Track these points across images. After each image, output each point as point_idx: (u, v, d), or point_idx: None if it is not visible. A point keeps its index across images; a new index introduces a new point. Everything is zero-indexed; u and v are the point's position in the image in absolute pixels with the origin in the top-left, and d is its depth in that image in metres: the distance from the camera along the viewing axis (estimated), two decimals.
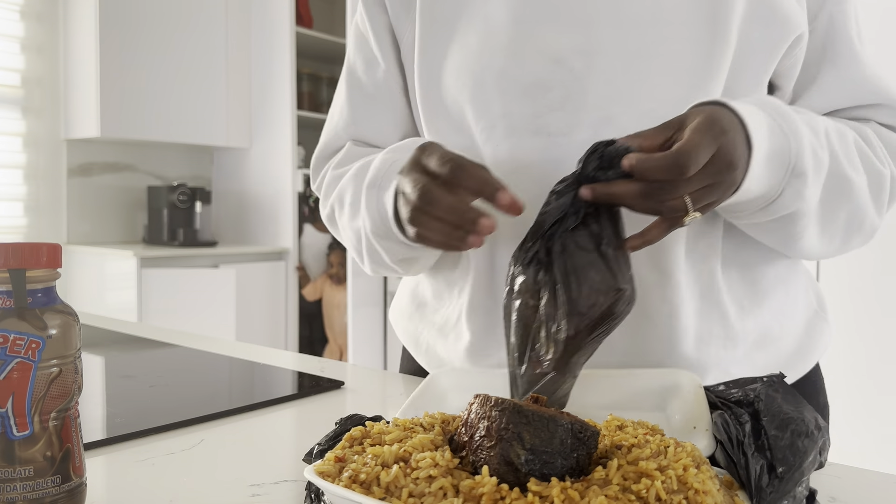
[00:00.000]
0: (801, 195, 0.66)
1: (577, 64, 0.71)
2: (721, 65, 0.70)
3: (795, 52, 0.75)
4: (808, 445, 0.50)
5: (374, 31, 0.86)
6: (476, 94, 0.75)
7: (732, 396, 0.57)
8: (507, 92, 0.73)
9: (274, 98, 4.23)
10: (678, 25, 0.70)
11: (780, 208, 0.67)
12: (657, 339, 0.72)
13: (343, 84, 0.91)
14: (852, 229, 0.74)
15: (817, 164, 0.67)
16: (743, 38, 0.71)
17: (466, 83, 0.75)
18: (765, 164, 0.63)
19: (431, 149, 0.65)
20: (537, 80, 0.72)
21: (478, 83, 0.75)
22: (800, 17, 0.73)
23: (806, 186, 0.66)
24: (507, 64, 0.73)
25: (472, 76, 0.75)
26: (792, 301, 0.81)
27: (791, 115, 0.66)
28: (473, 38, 0.75)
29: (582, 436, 0.48)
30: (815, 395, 0.85)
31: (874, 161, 0.74)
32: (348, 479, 0.46)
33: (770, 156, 0.63)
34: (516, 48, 0.73)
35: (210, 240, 4.17)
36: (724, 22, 0.69)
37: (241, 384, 1.02)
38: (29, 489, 0.48)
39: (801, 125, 0.66)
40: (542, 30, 0.72)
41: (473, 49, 0.75)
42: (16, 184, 3.79)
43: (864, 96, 0.78)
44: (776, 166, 0.64)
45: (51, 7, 3.85)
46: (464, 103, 0.76)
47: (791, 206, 0.67)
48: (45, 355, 0.48)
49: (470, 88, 0.75)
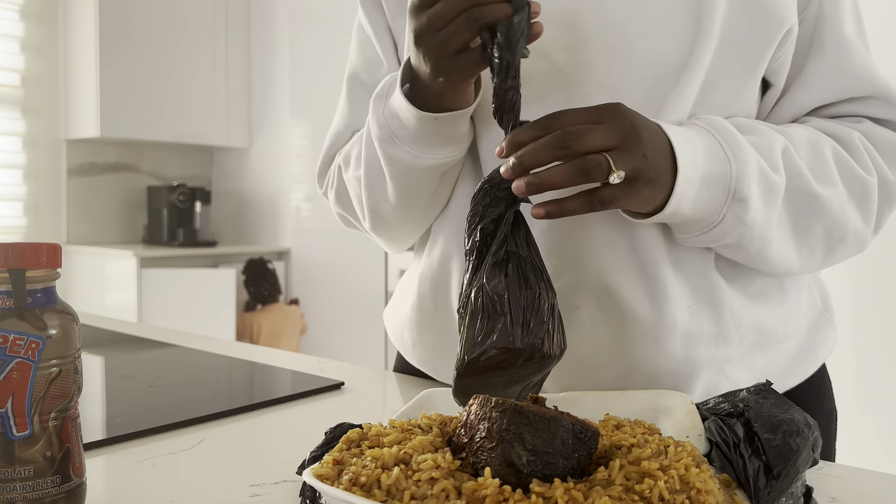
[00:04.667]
0: (742, 220, 0.66)
1: (560, 57, 0.71)
2: (700, 60, 0.69)
3: (786, 46, 0.74)
4: (801, 444, 0.51)
5: (375, 31, 0.87)
6: None
7: (723, 410, 0.58)
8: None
9: (274, 98, 4.23)
10: (662, 20, 0.70)
11: (720, 234, 0.67)
12: (642, 335, 0.72)
13: (344, 90, 0.92)
14: (833, 242, 0.74)
15: (767, 189, 0.67)
16: (727, 31, 0.70)
17: None
18: (699, 188, 0.64)
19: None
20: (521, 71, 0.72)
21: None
22: (789, 11, 0.72)
23: (747, 212, 0.66)
24: None
25: None
26: (793, 301, 0.80)
27: (737, 137, 0.66)
28: None
29: (583, 436, 0.48)
30: (819, 399, 0.84)
31: (856, 170, 0.73)
32: (348, 481, 0.46)
33: (705, 180, 0.64)
34: None
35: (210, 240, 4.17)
36: (709, 16, 0.69)
37: (240, 384, 1.02)
38: (29, 489, 0.48)
39: (747, 148, 0.66)
40: None
41: None
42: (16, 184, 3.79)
43: (854, 88, 0.76)
44: (714, 191, 0.64)
45: (51, 7, 3.85)
46: None
47: (732, 232, 0.67)
48: (44, 355, 0.48)
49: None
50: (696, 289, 0.73)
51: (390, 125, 0.74)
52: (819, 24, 0.76)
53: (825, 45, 0.75)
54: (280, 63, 4.18)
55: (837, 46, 0.75)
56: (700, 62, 0.69)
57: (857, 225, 0.74)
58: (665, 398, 0.64)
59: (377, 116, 0.76)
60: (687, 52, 0.69)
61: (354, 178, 0.84)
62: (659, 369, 0.72)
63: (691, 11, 0.69)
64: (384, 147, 0.76)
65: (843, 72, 0.76)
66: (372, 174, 0.81)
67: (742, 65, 0.72)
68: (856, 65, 0.76)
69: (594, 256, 0.71)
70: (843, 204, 0.72)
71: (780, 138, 0.70)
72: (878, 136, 0.77)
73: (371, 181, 0.81)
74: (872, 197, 0.74)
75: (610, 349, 0.73)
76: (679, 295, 0.72)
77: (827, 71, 0.76)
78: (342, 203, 0.91)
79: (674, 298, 0.72)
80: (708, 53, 0.69)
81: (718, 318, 0.73)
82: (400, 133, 0.74)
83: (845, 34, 0.76)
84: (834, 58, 0.76)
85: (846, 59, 0.76)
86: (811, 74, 0.76)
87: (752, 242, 0.69)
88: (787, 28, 0.72)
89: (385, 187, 0.81)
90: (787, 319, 0.78)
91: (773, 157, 0.68)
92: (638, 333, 0.71)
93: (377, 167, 0.79)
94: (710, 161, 0.64)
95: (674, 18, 0.70)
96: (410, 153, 0.75)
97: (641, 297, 0.71)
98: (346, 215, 0.92)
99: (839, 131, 0.76)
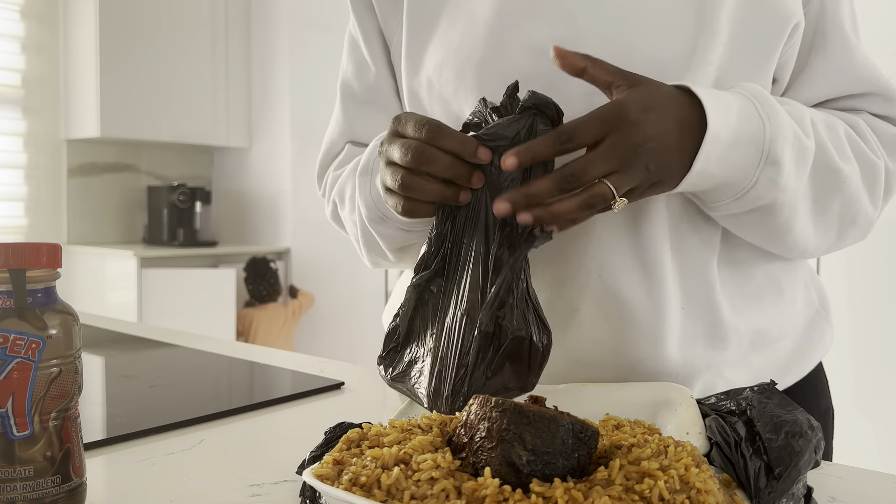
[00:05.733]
0: (775, 184, 0.65)
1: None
2: (707, 56, 0.69)
3: (793, 41, 0.74)
4: (803, 445, 0.51)
5: (365, 35, 0.87)
6: (458, 88, 0.75)
7: (724, 407, 0.58)
8: (486, 85, 0.73)
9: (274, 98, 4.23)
10: (661, 16, 0.70)
11: (754, 198, 0.66)
12: (642, 337, 0.72)
13: (338, 92, 0.93)
14: (846, 222, 0.74)
15: (799, 154, 0.66)
16: (735, 27, 0.70)
17: (448, 78, 0.76)
18: (729, 148, 0.63)
19: (406, 117, 0.66)
20: (518, 72, 0.72)
21: (459, 77, 0.75)
22: (795, 5, 0.72)
23: (780, 175, 0.65)
24: (486, 55, 0.73)
25: (453, 71, 0.75)
26: (789, 300, 0.80)
27: (772, 102, 0.66)
28: (456, 34, 0.76)
29: (583, 436, 0.48)
30: (815, 398, 0.84)
31: (867, 152, 0.73)
32: (348, 481, 0.46)
33: (737, 140, 0.63)
34: (497, 41, 0.73)
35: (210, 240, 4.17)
36: (712, 11, 0.69)
37: (240, 384, 1.02)
38: (29, 489, 0.48)
39: (782, 112, 0.66)
40: (524, 23, 0.72)
41: (455, 45, 0.75)
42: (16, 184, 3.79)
43: (855, 85, 0.77)
44: (747, 152, 0.64)
45: (51, 7, 3.85)
46: (447, 98, 0.76)
47: (766, 196, 0.66)
48: (45, 355, 0.48)
49: (451, 83, 0.75)
50: (695, 291, 0.73)
51: (378, 206, 0.76)
52: (821, 20, 0.76)
53: (828, 42, 0.76)
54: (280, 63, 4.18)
55: (840, 43, 0.76)
56: (707, 58, 0.69)
57: (867, 207, 0.74)
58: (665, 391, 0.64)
59: (364, 196, 0.77)
60: (690, 49, 0.69)
61: (350, 222, 0.85)
62: (657, 371, 0.72)
63: (692, 7, 0.69)
64: (375, 226, 0.78)
65: (846, 69, 0.76)
66: (367, 239, 0.82)
67: (752, 60, 0.72)
68: (858, 62, 0.76)
69: (597, 258, 0.71)
70: (858, 183, 0.72)
71: (808, 109, 0.70)
72: (877, 127, 0.77)
73: (367, 244, 0.83)
74: (880, 179, 0.74)
75: (610, 351, 0.72)
76: (678, 297, 0.72)
77: (830, 68, 0.76)
78: (340, 227, 0.93)
79: (673, 300, 0.72)
80: (716, 50, 0.69)
81: (715, 321, 0.73)
82: (389, 213, 0.75)
83: (846, 31, 0.76)
84: (837, 55, 0.76)
85: (849, 56, 0.76)
86: (814, 71, 0.77)
87: (781, 209, 0.68)
88: (794, 22, 0.72)
89: (382, 251, 0.83)
90: (784, 319, 0.78)
91: (805, 124, 0.68)
92: (638, 335, 0.71)
93: (370, 235, 0.81)
94: (742, 122, 0.63)
95: (673, 13, 0.69)
96: (401, 230, 0.76)
97: (643, 299, 0.71)
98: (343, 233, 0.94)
99: (846, 116, 0.76)
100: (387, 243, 0.80)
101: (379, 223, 0.77)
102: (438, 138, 0.63)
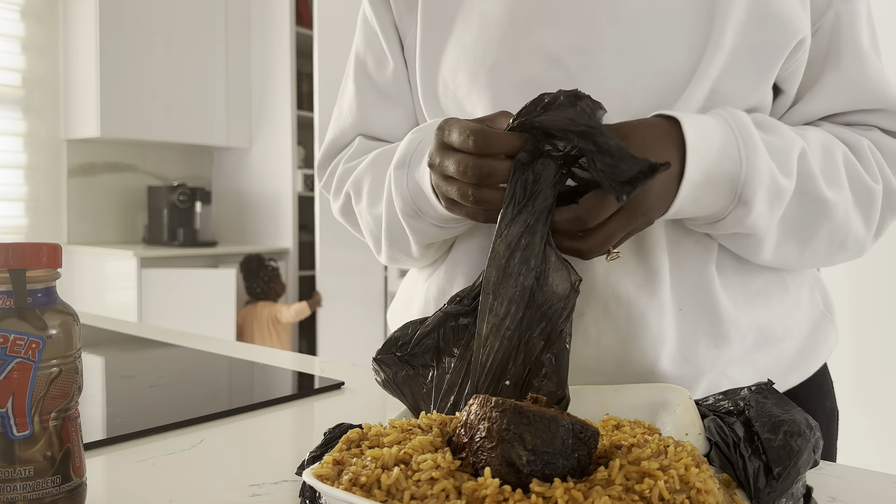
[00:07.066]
0: (742, 223, 0.67)
1: (572, 63, 0.71)
2: (709, 67, 0.69)
3: (798, 56, 0.74)
4: (802, 445, 0.51)
5: (382, 28, 0.85)
6: (471, 90, 0.75)
7: (722, 408, 0.58)
8: (498, 88, 0.73)
9: (274, 98, 4.23)
10: (675, 26, 0.70)
11: (727, 227, 0.68)
12: (645, 338, 0.72)
13: (351, 81, 0.90)
14: (834, 246, 0.74)
15: (774, 195, 0.67)
16: (738, 41, 0.70)
17: (462, 80, 0.75)
18: (704, 189, 0.64)
19: (448, 126, 0.64)
20: (531, 77, 0.72)
21: (472, 79, 0.75)
22: (802, 22, 0.72)
23: (749, 216, 0.66)
24: (499, 60, 0.73)
25: (466, 72, 0.75)
26: (795, 300, 0.80)
27: (756, 139, 0.66)
28: (470, 34, 0.75)
29: (583, 436, 0.48)
30: (820, 399, 0.84)
31: (864, 177, 0.73)
32: (348, 482, 0.46)
33: (713, 180, 0.64)
34: (510, 45, 0.73)
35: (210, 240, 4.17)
36: (721, 24, 0.69)
37: (240, 384, 1.02)
38: (29, 489, 0.48)
39: (762, 152, 0.66)
40: (538, 28, 0.72)
41: (469, 45, 0.75)
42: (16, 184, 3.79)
43: (867, 100, 0.77)
44: (722, 192, 0.65)
45: (51, 7, 3.85)
46: (461, 99, 0.76)
47: (736, 228, 0.68)
48: (45, 355, 0.48)
49: (465, 85, 0.75)
50: (695, 291, 0.73)
51: (415, 200, 0.73)
52: (836, 34, 0.76)
53: (842, 57, 0.76)
54: (280, 63, 4.17)
55: (854, 58, 0.76)
56: (708, 70, 0.69)
57: (858, 230, 0.74)
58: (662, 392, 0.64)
59: (400, 189, 0.75)
60: (697, 59, 0.69)
61: (369, 216, 0.83)
62: (661, 372, 0.72)
63: (703, 20, 0.69)
64: (408, 220, 0.76)
65: (858, 83, 0.76)
66: (394, 233, 0.80)
67: (750, 74, 0.72)
68: (871, 77, 0.76)
69: (601, 260, 0.71)
70: (848, 209, 0.72)
71: (798, 141, 0.70)
72: (886, 145, 0.77)
73: (392, 238, 0.81)
74: (877, 204, 0.74)
75: (614, 354, 0.72)
76: (678, 297, 0.72)
77: (842, 82, 0.76)
78: (349, 222, 0.91)
79: (673, 301, 0.72)
80: (717, 62, 0.69)
81: (716, 319, 0.73)
82: (426, 209, 0.73)
83: (861, 46, 0.76)
84: (850, 69, 0.76)
85: (862, 71, 0.76)
86: (826, 84, 0.76)
87: (751, 238, 0.70)
88: (798, 39, 0.72)
89: (408, 246, 0.80)
90: (788, 318, 0.78)
91: (789, 161, 0.68)
92: (641, 337, 0.71)
93: (399, 230, 0.79)
94: (721, 160, 0.64)
95: (686, 22, 0.69)
96: (435, 226, 0.74)
97: (646, 300, 0.71)
98: (350, 229, 0.92)
99: (850, 137, 0.76)
100: (417, 238, 0.78)
101: (413, 217, 0.75)
102: (489, 146, 0.61)
